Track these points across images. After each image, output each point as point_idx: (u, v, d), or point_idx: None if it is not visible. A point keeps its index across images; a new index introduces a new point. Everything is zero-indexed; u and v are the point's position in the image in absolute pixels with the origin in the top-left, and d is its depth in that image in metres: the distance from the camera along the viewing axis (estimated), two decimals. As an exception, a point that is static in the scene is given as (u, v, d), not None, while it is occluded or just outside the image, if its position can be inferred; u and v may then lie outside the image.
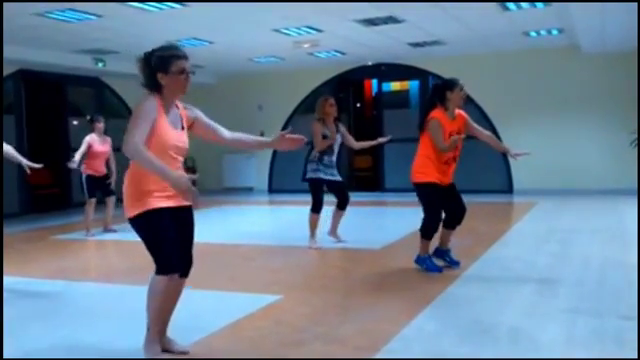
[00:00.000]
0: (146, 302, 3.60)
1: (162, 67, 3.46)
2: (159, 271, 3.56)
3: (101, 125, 8.86)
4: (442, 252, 6.03)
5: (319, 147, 7.08)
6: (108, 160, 9.01)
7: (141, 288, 3.79)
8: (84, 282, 5.96)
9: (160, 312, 3.62)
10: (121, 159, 3.64)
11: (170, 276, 3.57)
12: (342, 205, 7.37)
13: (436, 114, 5.69)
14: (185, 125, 3.65)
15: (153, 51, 3.52)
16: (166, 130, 3.48)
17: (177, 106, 3.64)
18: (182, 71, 3.49)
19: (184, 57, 3.52)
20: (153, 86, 3.50)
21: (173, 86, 3.50)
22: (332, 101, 7.25)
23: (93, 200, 8.90)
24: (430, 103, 5.85)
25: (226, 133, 3.85)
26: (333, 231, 7.54)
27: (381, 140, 7.64)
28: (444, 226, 5.96)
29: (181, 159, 3.64)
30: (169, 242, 3.55)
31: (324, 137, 7.09)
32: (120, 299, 5.24)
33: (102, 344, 4.01)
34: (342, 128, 7.35)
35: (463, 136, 5.65)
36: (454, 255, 6.04)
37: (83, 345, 4.01)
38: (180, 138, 3.58)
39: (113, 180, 8.92)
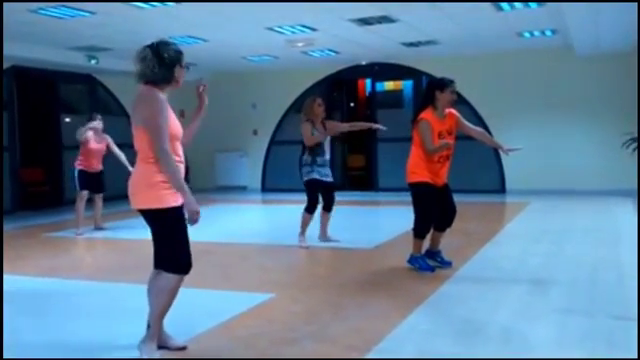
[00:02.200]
0: (154, 300, 3.62)
1: (178, 60, 3.60)
2: (176, 270, 3.58)
3: (98, 124, 8.81)
4: (433, 254, 6.04)
5: (309, 142, 7.04)
6: (104, 157, 8.97)
7: (132, 286, 3.79)
8: (76, 280, 5.93)
9: (166, 310, 3.65)
10: (128, 154, 3.68)
11: (183, 275, 3.62)
12: (328, 207, 7.34)
13: (425, 115, 5.69)
14: None
15: (159, 44, 3.58)
16: (175, 122, 3.61)
17: None
18: (187, 65, 3.68)
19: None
20: (169, 78, 3.57)
21: (180, 79, 3.64)
22: (320, 101, 7.22)
23: (84, 193, 8.85)
24: (422, 103, 5.86)
25: None
26: (323, 234, 7.52)
27: (375, 126, 7.59)
28: (434, 228, 5.96)
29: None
30: (186, 242, 3.61)
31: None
32: (112, 297, 5.22)
33: (94, 342, 3.99)
34: (329, 125, 7.30)
35: (451, 142, 5.64)
36: (445, 255, 6.05)
37: (75, 343, 3.99)
38: (181, 126, 3.70)
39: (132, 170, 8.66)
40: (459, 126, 5.86)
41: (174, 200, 3.52)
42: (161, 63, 3.53)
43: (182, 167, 3.63)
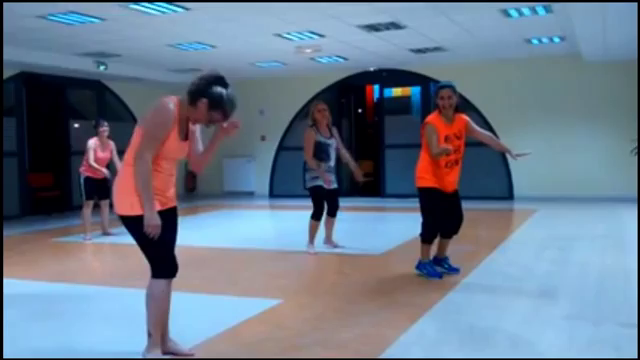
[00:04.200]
0: (146, 308, 3.60)
1: (212, 103, 3.51)
2: (160, 275, 3.57)
3: (104, 130, 8.84)
4: (440, 260, 6.02)
5: (307, 154, 6.99)
6: (109, 164, 9.00)
7: (140, 291, 3.79)
8: (83, 285, 5.95)
9: (162, 316, 3.63)
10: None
11: (170, 279, 3.59)
12: (332, 212, 7.34)
13: (430, 119, 5.71)
14: (188, 136, 3.67)
15: (217, 80, 3.54)
16: (174, 143, 3.52)
17: None
18: (213, 121, 3.58)
19: (228, 116, 3.62)
20: (191, 100, 3.51)
21: (197, 116, 3.55)
22: (322, 106, 7.15)
23: (90, 202, 8.94)
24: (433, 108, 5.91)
25: (200, 148, 3.79)
26: (328, 239, 7.52)
27: (357, 175, 7.31)
28: (441, 235, 5.95)
29: (175, 164, 3.67)
30: (169, 245, 3.59)
31: (318, 144, 7.03)
32: (119, 302, 5.24)
33: (101, 347, 4.00)
34: (335, 133, 7.28)
35: (451, 148, 5.53)
36: (453, 262, 6.03)
37: (82, 348, 4.01)
38: (183, 149, 3.62)
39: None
40: (468, 130, 5.85)
41: (139, 208, 3.43)
42: (198, 89, 3.48)
43: (173, 179, 3.62)
